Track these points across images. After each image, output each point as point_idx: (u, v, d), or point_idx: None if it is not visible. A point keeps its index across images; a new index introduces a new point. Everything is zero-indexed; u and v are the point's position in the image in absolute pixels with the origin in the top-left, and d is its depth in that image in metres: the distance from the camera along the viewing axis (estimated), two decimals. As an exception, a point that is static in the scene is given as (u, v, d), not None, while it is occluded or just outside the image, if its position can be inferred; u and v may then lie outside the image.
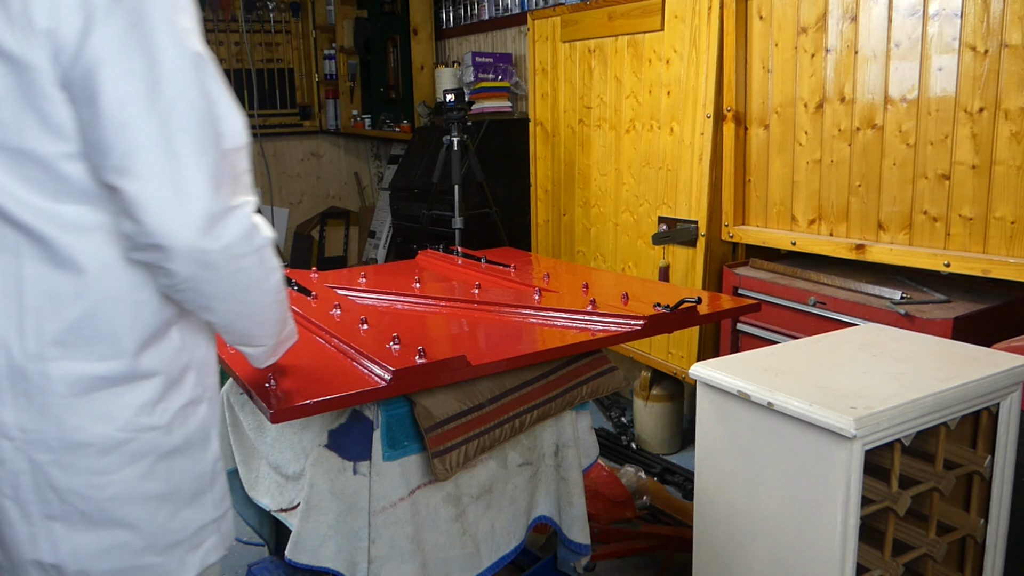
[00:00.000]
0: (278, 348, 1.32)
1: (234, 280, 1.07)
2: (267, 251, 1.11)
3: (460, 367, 1.53)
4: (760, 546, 1.49)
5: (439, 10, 5.10)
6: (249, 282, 1.10)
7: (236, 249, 1.03)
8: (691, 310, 1.90)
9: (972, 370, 1.49)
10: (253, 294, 1.13)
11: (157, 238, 0.97)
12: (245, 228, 1.04)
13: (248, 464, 1.86)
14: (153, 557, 1.13)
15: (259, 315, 1.19)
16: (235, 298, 1.10)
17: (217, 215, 1.00)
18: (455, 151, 3.51)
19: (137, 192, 0.95)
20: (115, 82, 0.93)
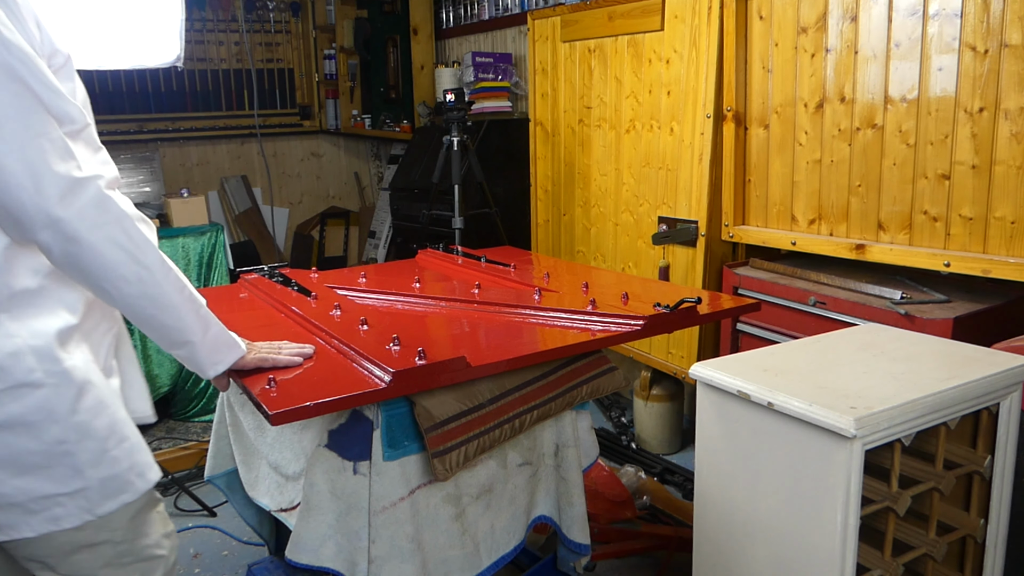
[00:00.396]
0: (213, 353, 1.38)
1: (103, 251, 1.16)
2: (128, 223, 1.19)
3: (460, 368, 1.53)
4: (760, 546, 1.49)
5: (439, 10, 5.10)
6: (121, 256, 1.18)
7: (90, 216, 1.14)
8: (691, 310, 1.90)
9: (972, 370, 1.49)
10: (131, 269, 1.20)
11: (14, 211, 1.11)
12: (95, 196, 1.15)
13: (248, 464, 1.86)
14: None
15: (157, 298, 1.26)
16: (115, 273, 1.19)
17: (64, 186, 1.11)
18: (455, 151, 3.52)
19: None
20: None
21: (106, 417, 1.32)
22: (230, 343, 1.41)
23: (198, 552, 2.63)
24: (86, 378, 1.30)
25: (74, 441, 1.28)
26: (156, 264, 1.24)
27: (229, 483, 1.97)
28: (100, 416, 1.32)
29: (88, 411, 1.30)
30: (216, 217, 5.56)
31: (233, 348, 1.42)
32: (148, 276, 1.23)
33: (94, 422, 1.30)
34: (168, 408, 3.58)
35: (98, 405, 1.31)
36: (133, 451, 1.35)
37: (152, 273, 1.23)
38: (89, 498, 1.31)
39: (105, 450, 1.32)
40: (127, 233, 1.19)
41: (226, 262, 3.47)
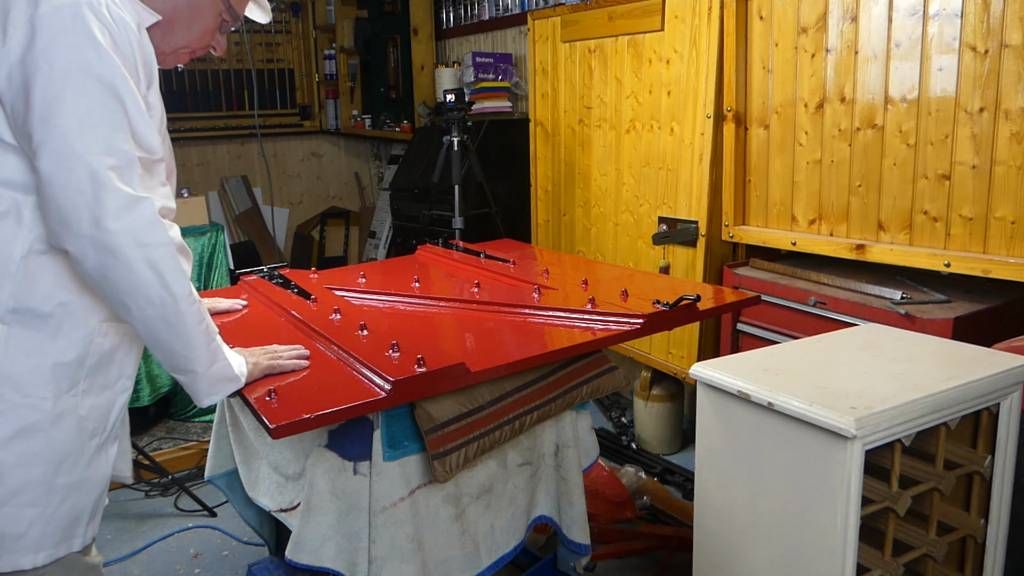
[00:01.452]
0: (213, 385, 1.39)
1: (137, 270, 1.21)
2: (167, 250, 1.24)
3: (459, 375, 1.53)
4: (760, 546, 1.49)
5: (439, 10, 5.10)
6: (152, 278, 1.22)
7: (135, 234, 1.19)
8: (690, 306, 1.90)
9: (972, 370, 1.49)
10: (158, 292, 1.24)
11: (66, 212, 1.17)
12: (146, 217, 1.20)
13: (248, 464, 1.86)
14: None
15: (175, 326, 1.28)
16: (141, 293, 1.23)
17: (122, 202, 1.17)
18: (455, 151, 3.52)
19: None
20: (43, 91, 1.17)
21: (33, 472, 1.27)
22: (231, 378, 1.42)
23: (198, 552, 2.63)
24: (40, 422, 1.26)
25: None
26: (182, 294, 1.27)
27: (229, 483, 1.96)
28: (27, 467, 1.26)
29: (17, 454, 1.25)
30: (216, 217, 5.56)
31: (232, 382, 1.42)
32: (172, 303, 1.26)
33: (15, 469, 1.25)
34: (168, 408, 3.58)
35: (33, 456, 1.26)
36: (35, 523, 1.29)
37: (176, 301, 1.26)
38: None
39: (5, 503, 1.26)
40: (164, 259, 1.23)
41: (226, 262, 3.47)
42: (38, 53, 1.15)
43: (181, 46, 1.46)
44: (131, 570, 2.55)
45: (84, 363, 1.31)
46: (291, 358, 1.57)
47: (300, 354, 1.60)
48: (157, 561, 2.59)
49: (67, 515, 1.32)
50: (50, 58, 1.15)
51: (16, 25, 1.15)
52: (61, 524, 1.31)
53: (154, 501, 2.96)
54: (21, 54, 1.15)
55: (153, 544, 2.67)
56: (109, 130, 1.18)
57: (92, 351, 1.31)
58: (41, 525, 1.28)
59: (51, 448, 1.28)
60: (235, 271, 2.57)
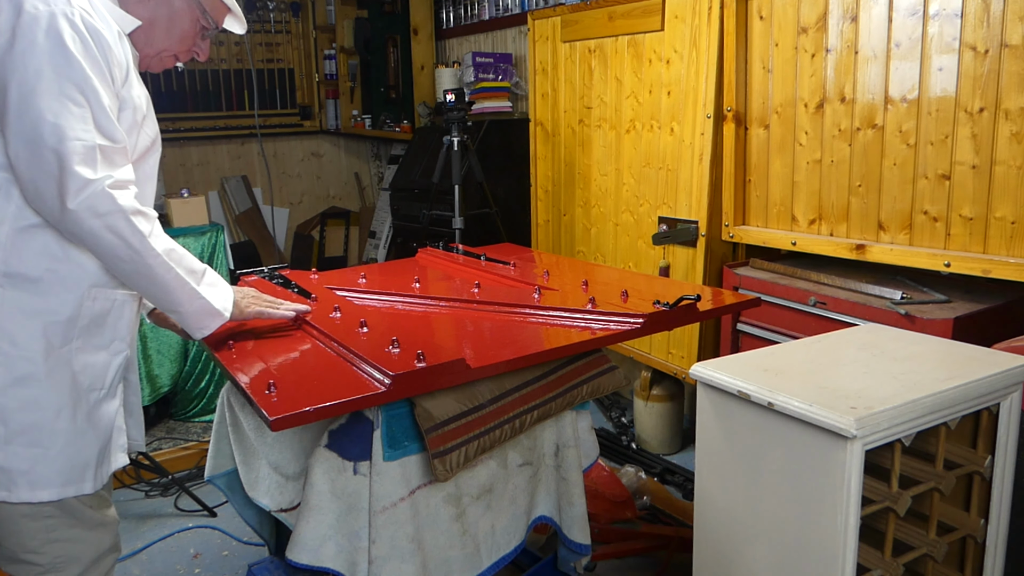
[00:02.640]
0: (200, 320, 1.58)
1: (100, 236, 1.39)
2: (120, 217, 1.39)
3: (460, 370, 1.53)
4: (760, 546, 1.49)
5: (439, 10, 5.10)
6: (115, 240, 1.40)
7: (92, 208, 1.36)
8: (690, 307, 1.90)
9: (972, 370, 1.49)
10: (125, 252, 1.42)
11: (43, 194, 1.37)
12: (99, 193, 1.37)
13: (248, 464, 1.86)
14: None
15: (148, 275, 1.46)
16: (112, 253, 1.42)
17: (79, 184, 1.35)
18: (455, 151, 3.51)
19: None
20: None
21: (32, 416, 1.44)
22: (213, 313, 1.59)
23: (198, 552, 2.63)
24: (34, 373, 1.43)
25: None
26: (144, 249, 1.44)
27: (229, 483, 1.96)
28: (26, 412, 1.43)
29: (16, 400, 1.42)
30: (216, 217, 5.56)
31: (216, 317, 1.60)
32: (138, 258, 1.44)
33: (16, 413, 1.43)
34: (168, 408, 3.58)
35: (31, 402, 1.43)
36: (38, 461, 1.45)
37: (142, 256, 1.44)
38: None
39: (8, 442, 1.43)
40: (118, 223, 1.40)
41: (226, 262, 3.47)
42: (16, 56, 1.33)
43: (162, 49, 1.63)
44: (131, 570, 2.54)
45: (76, 323, 1.47)
46: (287, 309, 1.77)
47: (298, 308, 1.79)
48: (157, 561, 2.59)
49: (71, 459, 1.48)
50: (26, 60, 1.33)
51: (0, 32, 1.34)
52: (65, 466, 1.47)
53: (154, 501, 2.96)
54: (1, 56, 1.34)
55: (153, 544, 2.67)
56: (73, 121, 1.35)
57: (83, 313, 1.48)
58: (45, 464, 1.45)
59: (48, 396, 1.44)
60: (235, 271, 2.57)
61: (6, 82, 1.34)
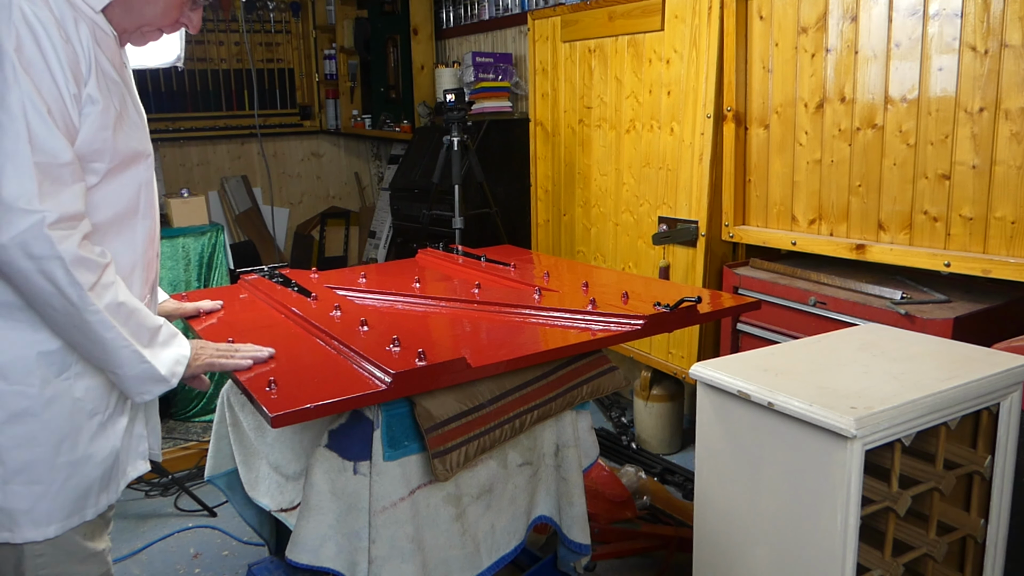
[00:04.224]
0: (140, 385, 1.40)
1: (32, 280, 1.24)
2: (57, 264, 1.23)
3: (460, 369, 1.53)
4: (760, 546, 1.49)
5: (439, 10, 5.10)
6: (49, 288, 1.25)
7: (25, 247, 1.21)
8: (691, 309, 1.90)
9: (972, 370, 1.49)
10: (59, 301, 1.26)
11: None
12: (33, 231, 1.21)
13: (248, 464, 1.86)
14: None
15: (84, 331, 1.31)
16: (43, 300, 1.26)
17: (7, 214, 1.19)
18: (455, 151, 3.51)
19: None
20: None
21: (32, 453, 1.34)
22: (157, 379, 1.41)
23: (198, 552, 2.63)
24: (31, 408, 1.33)
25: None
26: (81, 304, 1.28)
27: (229, 483, 1.96)
28: (25, 448, 1.33)
29: (13, 438, 1.33)
30: (216, 217, 5.56)
31: (160, 383, 1.42)
32: (74, 311, 1.28)
33: (14, 451, 1.33)
34: (168, 408, 3.58)
35: (30, 438, 1.33)
36: (42, 498, 1.36)
37: (78, 311, 1.28)
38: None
39: (7, 481, 1.33)
40: (55, 271, 1.24)
41: (226, 262, 3.47)
42: None
43: (144, 24, 1.43)
44: (131, 570, 2.54)
45: (70, 350, 1.35)
46: (242, 357, 1.55)
47: (254, 355, 1.57)
48: (157, 561, 2.59)
49: (74, 490, 1.39)
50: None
51: None
52: (69, 499, 1.38)
53: (154, 501, 2.96)
54: None
55: (153, 544, 2.67)
56: (4, 138, 1.20)
57: None
58: (48, 501, 1.36)
59: (47, 430, 1.34)
60: (235, 271, 2.57)
61: None
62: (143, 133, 1.48)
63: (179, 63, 2.27)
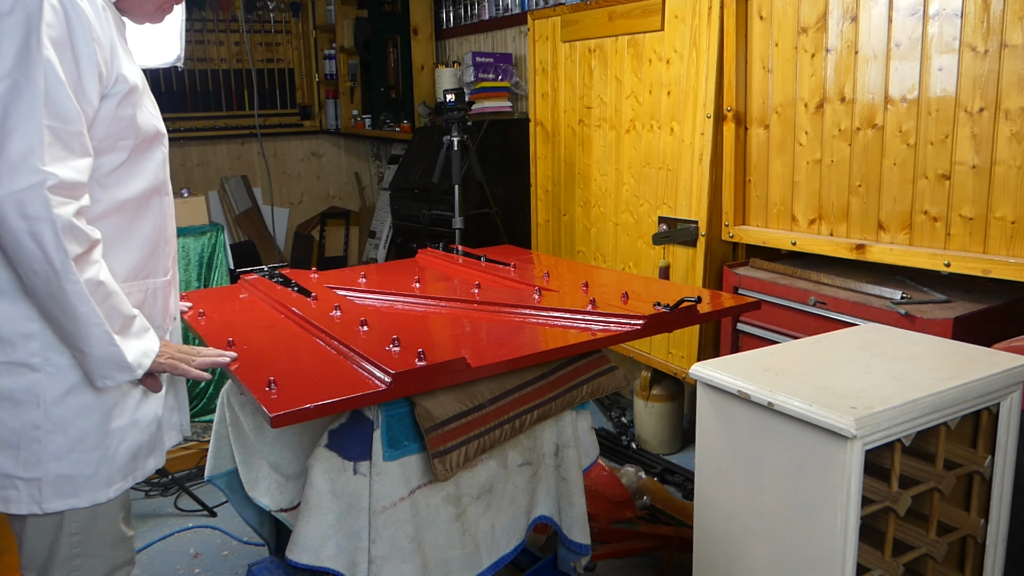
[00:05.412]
0: (103, 368, 1.39)
1: (21, 240, 1.25)
2: (50, 228, 1.25)
3: (460, 369, 1.53)
4: (760, 546, 1.49)
5: (439, 10, 5.10)
6: (36, 251, 1.26)
7: (21, 205, 1.23)
8: (691, 309, 1.90)
9: (972, 370, 1.49)
10: (42, 266, 1.27)
11: None
12: (35, 190, 1.23)
13: (248, 464, 1.86)
14: None
15: (60, 301, 1.31)
16: (27, 264, 1.28)
17: (9, 169, 1.21)
18: (455, 151, 3.52)
19: None
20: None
21: (89, 421, 1.41)
22: (122, 366, 1.40)
23: (198, 552, 2.63)
24: (85, 379, 1.39)
25: (47, 430, 1.38)
26: (64, 272, 1.29)
27: (229, 483, 1.96)
28: (83, 417, 1.41)
29: (73, 408, 1.39)
30: (216, 217, 5.56)
31: (124, 371, 1.41)
32: (55, 278, 1.29)
33: (74, 420, 1.40)
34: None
35: (87, 407, 1.41)
36: (102, 463, 1.44)
37: (59, 278, 1.29)
38: (41, 490, 1.40)
39: (71, 450, 1.40)
40: (45, 234, 1.25)
41: (226, 262, 3.47)
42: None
43: (162, 1, 1.51)
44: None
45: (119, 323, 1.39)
46: (201, 365, 1.53)
47: (214, 362, 1.56)
48: (157, 561, 2.59)
49: (127, 453, 1.48)
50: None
51: None
52: (123, 461, 1.47)
53: (154, 501, 2.96)
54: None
55: (153, 544, 2.67)
56: (19, 100, 1.23)
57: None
58: (108, 465, 1.44)
59: (100, 399, 1.42)
60: (235, 271, 2.57)
61: None
62: (157, 112, 1.57)
63: (179, 63, 2.27)
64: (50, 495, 1.40)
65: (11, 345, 1.36)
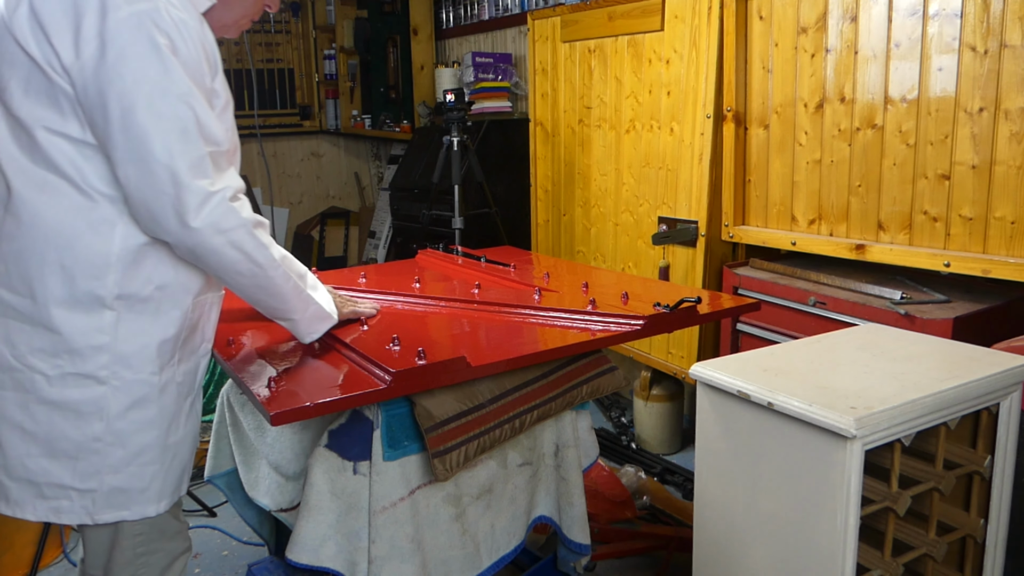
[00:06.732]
0: (312, 325, 1.63)
1: (223, 253, 1.36)
2: (244, 230, 1.37)
3: (460, 368, 1.53)
4: (760, 546, 1.49)
5: (439, 10, 5.10)
6: (237, 256, 1.38)
7: (215, 224, 1.33)
8: (691, 310, 1.90)
9: (972, 370, 1.49)
10: (246, 266, 1.40)
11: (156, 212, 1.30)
12: (221, 207, 1.33)
13: (248, 464, 1.86)
14: (4, 476, 1.40)
15: (267, 288, 1.47)
16: (233, 269, 1.39)
17: (199, 198, 1.30)
18: (455, 151, 3.52)
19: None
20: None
21: (149, 436, 1.42)
22: (324, 316, 1.64)
23: (198, 552, 2.63)
24: (150, 394, 1.41)
25: (107, 443, 1.39)
26: (267, 263, 1.44)
27: (229, 483, 1.97)
28: (144, 432, 1.42)
29: (135, 422, 1.40)
30: (216, 217, 5.54)
31: (326, 320, 1.65)
32: (260, 272, 1.43)
33: (135, 435, 1.40)
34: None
35: (148, 422, 1.42)
36: (155, 477, 1.45)
37: (264, 270, 1.43)
38: (95, 501, 1.40)
39: (129, 463, 1.41)
40: (243, 239, 1.38)
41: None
42: (109, 66, 1.24)
43: (240, 16, 1.55)
44: (131, 570, 2.54)
45: (180, 337, 1.45)
46: (368, 306, 1.88)
47: (373, 304, 1.90)
48: (157, 561, 2.59)
49: (178, 468, 1.50)
50: (120, 71, 1.24)
51: (87, 39, 1.24)
52: (174, 476, 1.49)
53: (154, 501, 2.96)
54: (94, 67, 1.24)
55: (153, 544, 2.67)
56: (179, 133, 1.29)
57: (185, 325, 1.46)
58: (160, 479, 1.46)
59: (161, 414, 1.43)
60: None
61: (104, 96, 1.25)
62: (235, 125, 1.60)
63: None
64: (102, 507, 1.41)
65: (81, 357, 1.35)
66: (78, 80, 1.25)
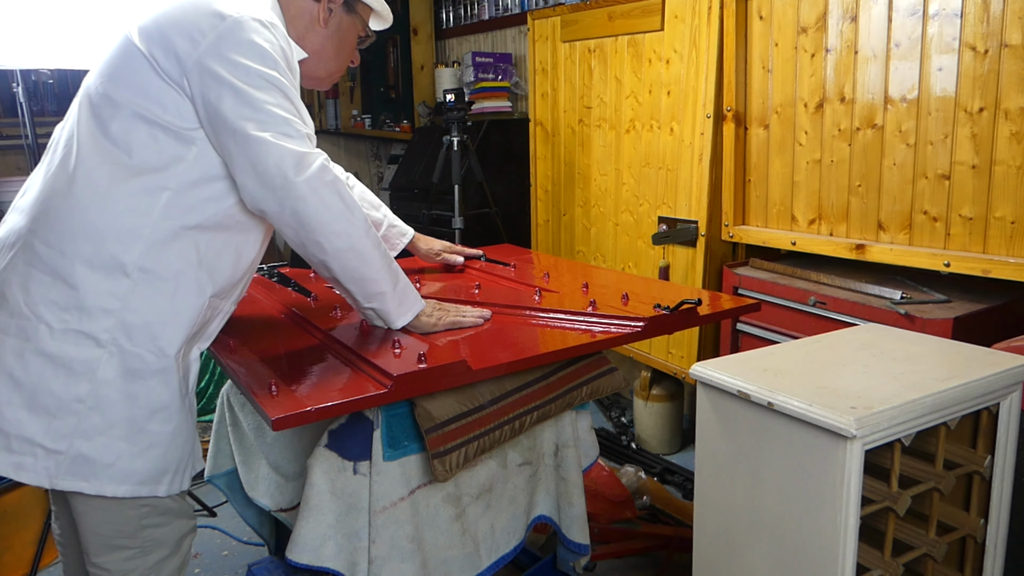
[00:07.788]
0: (403, 303, 1.64)
1: (321, 208, 1.45)
2: (340, 187, 1.48)
3: (461, 372, 1.53)
4: (760, 546, 1.49)
5: (439, 10, 5.10)
6: (339, 204, 1.47)
7: (314, 181, 1.44)
8: (691, 311, 1.89)
9: (972, 370, 1.49)
10: (342, 226, 1.48)
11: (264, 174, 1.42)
12: (319, 166, 1.45)
13: (248, 464, 1.86)
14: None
15: (361, 252, 1.52)
16: (330, 228, 1.47)
17: (298, 159, 1.43)
18: (455, 151, 3.52)
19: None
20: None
21: (130, 411, 1.42)
22: (414, 296, 1.67)
23: (198, 552, 2.63)
24: (142, 371, 1.42)
25: (88, 406, 1.39)
26: (360, 222, 1.52)
27: (229, 483, 1.96)
28: (125, 404, 1.41)
29: (120, 391, 1.40)
30: (216, 217, 5.54)
31: (417, 301, 1.68)
32: (355, 232, 1.50)
33: (116, 404, 1.40)
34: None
35: (132, 396, 1.42)
36: (123, 456, 1.43)
37: (358, 229, 1.51)
38: (57, 465, 1.40)
39: (101, 432, 1.40)
40: (339, 195, 1.48)
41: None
42: (224, 56, 1.40)
43: (333, 71, 1.73)
44: (131, 570, 2.54)
45: (187, 328, 1.47)
46: (474, 317, 1.80)
47: (481, 315, 1.82)
48: (157, 561, 2.59)
49: (155, 460, 1.46)
50: (233, 60, 1.41)
51: (204, 32, 1.41)
52: (146, 467, 1.45)
53: (154, 501, 2.96)
54: (211, 58, 1.40)
55: (153, 544, 2.67)
56: (279, 111, 1.44)
57: (197, 321, 1.49)
58: (128, 460, 1.43)
59: (149, 396, 1.43)
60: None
61: (219, 80, 1.40)
62: None
63: None
64: (64, 472, 1.40)
65: (88, 316, 1.39)
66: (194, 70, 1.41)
